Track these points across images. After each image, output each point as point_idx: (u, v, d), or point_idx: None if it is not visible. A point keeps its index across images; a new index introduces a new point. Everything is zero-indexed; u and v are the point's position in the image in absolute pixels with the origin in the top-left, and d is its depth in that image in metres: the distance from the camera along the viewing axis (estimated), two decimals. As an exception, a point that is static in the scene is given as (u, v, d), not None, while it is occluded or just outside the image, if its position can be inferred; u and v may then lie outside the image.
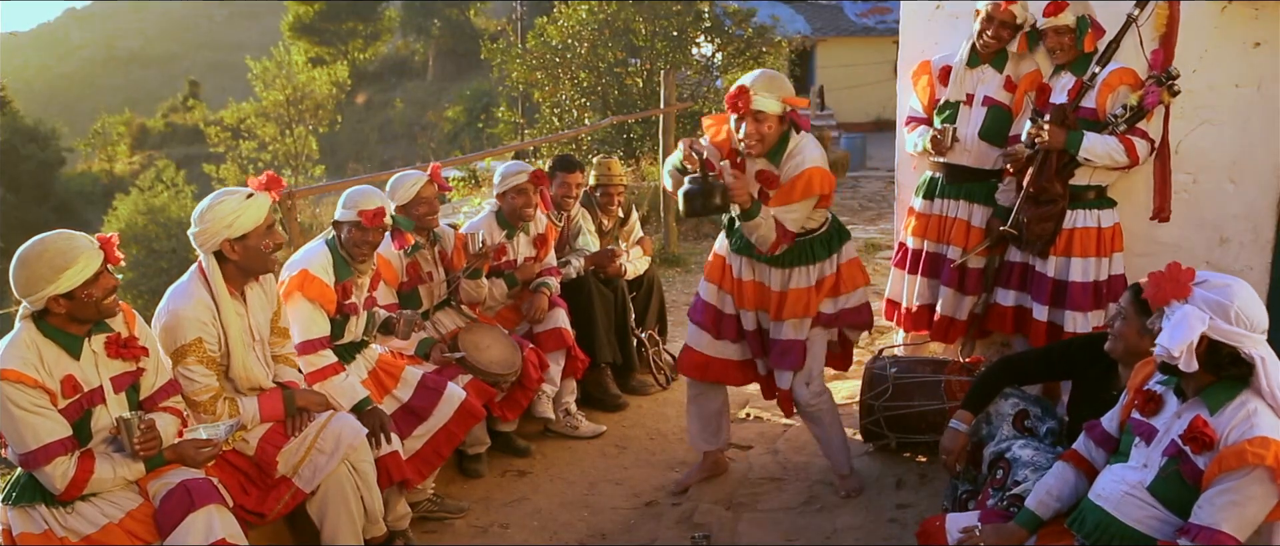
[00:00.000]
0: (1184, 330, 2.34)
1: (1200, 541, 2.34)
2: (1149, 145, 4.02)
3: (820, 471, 4.34)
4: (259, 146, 34.52)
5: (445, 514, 4.07)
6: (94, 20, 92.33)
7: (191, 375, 3.09)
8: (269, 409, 3.28)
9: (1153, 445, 2.54)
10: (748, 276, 3.88)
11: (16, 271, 2.70)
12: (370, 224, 3.66)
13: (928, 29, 4.83)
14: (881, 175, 14.72)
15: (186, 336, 3.07)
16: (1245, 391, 2.40)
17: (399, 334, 3.94)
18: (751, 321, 3.94)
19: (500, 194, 4.69)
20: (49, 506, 2.77)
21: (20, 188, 35.66)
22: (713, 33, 15.57)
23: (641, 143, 13.93)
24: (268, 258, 3.18)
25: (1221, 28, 4.13)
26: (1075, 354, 3.28)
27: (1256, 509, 2.34)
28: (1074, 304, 4.14)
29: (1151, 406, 2.58)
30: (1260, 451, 2.30)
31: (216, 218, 3.07)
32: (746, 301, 3.91)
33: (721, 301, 4.00)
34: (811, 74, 24.65)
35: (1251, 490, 2.32)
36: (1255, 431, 2.33)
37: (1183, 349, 2.33)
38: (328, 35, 44.30)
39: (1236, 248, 4.28)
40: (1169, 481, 2.47)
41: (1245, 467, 2.31)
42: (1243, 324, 2.35)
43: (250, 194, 3.13)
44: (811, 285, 3.80)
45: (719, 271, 4.00)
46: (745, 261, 3.89)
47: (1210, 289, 2.39)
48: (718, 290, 4.00)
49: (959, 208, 4.50)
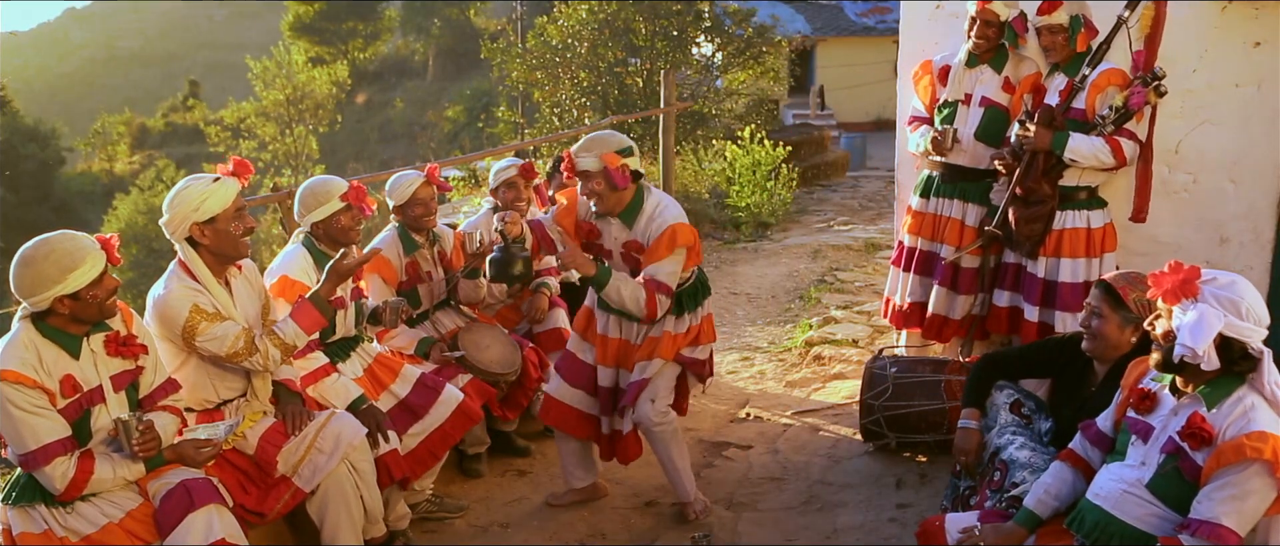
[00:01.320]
0: (1204, 329, 2.35)
1: (1201, 536, 2.34)
2: (1136, 146, 4.04)
3: (821, 471, 4.35)
4: (259, 146, 34.55)
5: (445, 514, 4.06)
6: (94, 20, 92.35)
7: (212, 335, 3.04)
8: (306, 319, 3.21)
9: (1150, 443, 2.55)
10: (614, 334, 3.86)
11: (20, 272, 2.69)
12: (356, 202, 3.70)
13: (928, 29, 4.84)
14: (881, 175, 14.71)
15: (182, 312, 3.04)
16: (1242, 387, 2.42)
17: (386, 322, 3.94)
18: (608, 378, 3.90)
19: (494, 190, 4.78)
20: (49, 506, 2.76)
21: (20, 187, 35.67)
22: (713, 32, 15.56)
23: (642, 142, 13.90)
24: (238, 241, 3.14)
25: (1222, 27, 4.13)
26: (1052, 352, 3.32)
27: (1256, 503, 2.35)
28: (1064, 304, 4.16)
29: (1147, 404, 2.60)
30: (1259, 445, 2.31)
31: (183, 201, 3.05)
32: (608, 358, 3.88)
33: (582, 350, 3.96)
34: (811, 73, 24.65)
35: (1251, 484, 2.33)
36: (1253, 426, 2.35)
37: (1207, 347, 2.35)
38: (328, 35, 44.30)
39: (1236, 247, 4.28)
40: (1168, 478, 2.48)
41: (1244, 461, 2.32)
42: (1253, 319, 2.39)
43: (216, 178, 3.10)
44: (681, 332, 3.78)
45: (584, 322, 3.97)
46: (612, 318, 3.85)
47: (1219, 287, 2.40)
48: (580, 339, 3.97)
49: (953, 207, 4.52)
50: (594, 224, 3.77)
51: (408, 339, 4.21)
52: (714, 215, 10.50)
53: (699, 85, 15.00)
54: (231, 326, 3.09)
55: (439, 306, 4.49)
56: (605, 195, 3.62)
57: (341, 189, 3.71)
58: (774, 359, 6.00)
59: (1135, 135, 4.02)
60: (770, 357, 6.04)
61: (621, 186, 3.60)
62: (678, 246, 3.60)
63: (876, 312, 6.36)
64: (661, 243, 3.60)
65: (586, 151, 3.58)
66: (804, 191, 12.62)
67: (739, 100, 15.54)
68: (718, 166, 11.51)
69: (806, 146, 14.40)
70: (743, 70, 15.61)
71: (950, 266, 4.49)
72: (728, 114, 15.08)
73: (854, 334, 6.15)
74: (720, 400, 5.34)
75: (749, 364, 5.99)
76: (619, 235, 3.72)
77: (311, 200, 3.73)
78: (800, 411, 5.08)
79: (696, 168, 11.77)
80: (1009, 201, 4.18)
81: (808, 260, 8.70)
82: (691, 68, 15.15)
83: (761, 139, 10.94)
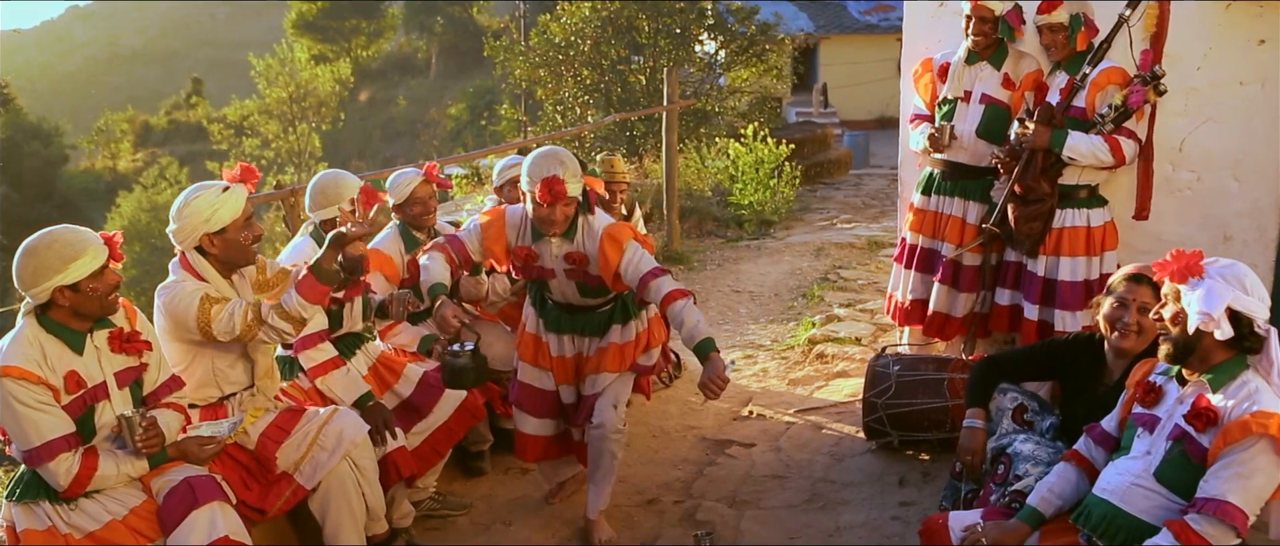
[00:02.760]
0: (1216, 297, 2.42)
1: (1207, 513, 2.36)
2: (1136, 145, 4.04)
3: (823, 469, 4.35)
4: (262, 144, 34.62)
5: (448, 512, 4.07)
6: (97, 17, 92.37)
7: (224, 320, 3.02)
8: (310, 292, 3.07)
9: (1156, 432, 2.58)
10: (568, 352, 3.81)
11: (22, 262, 2.70)
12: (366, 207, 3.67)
13: (931, 26, 4.83)
14: (884, 173, 14.70)
15: (192, 303, 3.02)
16: (1246, 371, 2.48)
17: (393, 313, 3.93)
18: (571, 395, 3.88)
19: (498, 188, 4.75)
20: (53, 503, 2.77)
21: (23, 185, 35.71)
22: (716, 30, 15.55)
23: (645, 140, 13.92)
24: (247, 250, 3.14)
25: (1225, 25, 4.13)
26: (1056, 353, 3.30)
27: (1263, 481, 2.38)
28: (1063, 303, 4.16)
29: (1152, 398, 2.63)
30: (1264, 422, 2.36)
31: (194, 212, 3.04)
32: (567, 377, 3.85)
33: (539, 379, 3.89)
34: (814, 71, 24.63)
35: (1257, 462, 2.36)
36: (1258, 405, 2.40)
37: (1221, 313, 2.41)
38: (331, 32, 44.35)
39: (1240, 245, 4.27)
40: (1174, 463, 2.50)
41: (1249, 439, 2.36)
42: (1257, 295, 2.46)
43: (226, 187, 3.09)
44: (630, 341, 3.75)
45: (532, 350, 3.87)
46: (565, 338, 3.80)
47: (1221, 267, 2.49)
48: (534, 368, 3.89)
49: (954, 204, 4.52)
50: (531, 247, 3.61)
51: (410, 336, 4.21)
52: (717, 213, 10.51)
53: (702, 83, 15.00)
54: (236, 304, 3.07)
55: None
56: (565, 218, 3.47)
57: (353, 192, 3.71)
58: (777, 357, 6.00)
59: (1135, 134, 4.02)
60: (773, 355, 6.04)
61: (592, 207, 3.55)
62: (624, 239, 3.50)
63: (879, 310, 6.37)
64: (605, 248, 3.47)
65: (572, 177, 3.40)
66: (807, 189, 12.62)
67: (742, 98, 15.55)
68: (721, 164, 11.52)
69: (809, 144, 14.39)
70: (746, 68, 15.60)
71: (951, 264, 4.49)
72: (731, 112, 15.09)
73: (857, 332, 6.15)
74: (723, 398, 5.32)
75: (752, 362, 5.99)
76: (558, 251, 3.57)
77: (322, 199, 3.74)
78: (803, 409, 5.07)
79: (699, 165, 11.78)
80: (1008, 199, 4.19)
81: (810, 258, 8.70)
82: (694, 65, 15.15)
83: (764, 137, 10.94)
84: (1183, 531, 2.37)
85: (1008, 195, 4.17)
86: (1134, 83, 3.95)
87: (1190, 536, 2.36)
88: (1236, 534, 2.37)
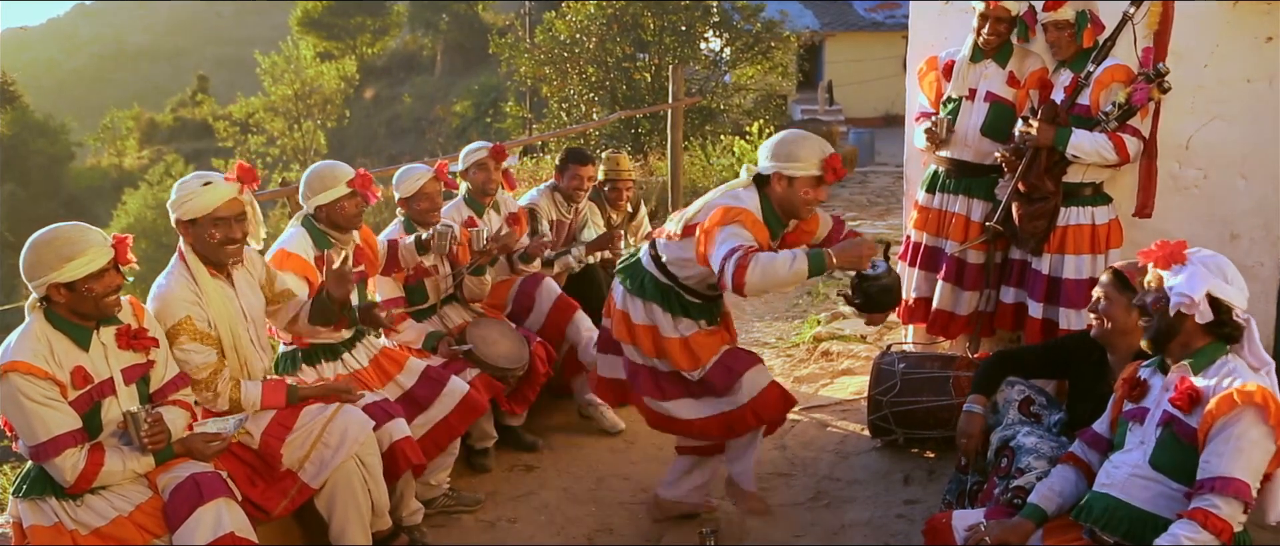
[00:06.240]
0: (1197, 281, 2.52)
1: (1212, 492, 2.38)
2: (1140, 143, 4.02)
3: (828, 467, 4.34)
4: (268, 141, 34.65)
5: (463, 508, 4.08)
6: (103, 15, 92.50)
7: (187, 352, 3.07)
8: (271, 396, 3.26)
9: (1146, 423, 2.63)
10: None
11: (27, 254, 2.72)
12: (362, 189, 3.71)
13: (936, 24, 4.82)
14: (890, 171, 14.65)
15: (176, 315, 3.05)
16: (1225, 354, 2.56)
17: (434, 248, 3.95)
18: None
19: (463, 172, 4.67)
20: (59, 499, 2.78)
21: (29, 182, 35.82)
22: (721, 28, 15.55)
23: (650, 137, 13.91)
24: (216, 249, 3.10)
25: (1233, 22, 4.11)
26: (1067, 351, 3.33)
27: (1260, 453, 2.42)
28: (1068, 301, 4.15)
29: (1139, 393, 2.70)
30: (1247, 392, 2.42)
31: (173, 196, 3.10)
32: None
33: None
34: (820, 69, 24.60)
35: (1250, 434, 2.40)
36: (1239, 381, 2.47)
37: (1201, 296, 2.50)
38: (336, 30, 44.32)
39: (1247, 243, 4.26)
40: (1166, 447, 2.55)
41: (1235, 410, 2.42)
42: (1236, 285, 2.56)
43: (207, 182, 3.09)
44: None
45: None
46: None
47: (1204, 256, 2.59)
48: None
49: (958, 202, 4.51)
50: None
51: (415, 333, 4.21)
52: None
53: (707, 80, 15.00)
54: (209, 357, 3.10)
55: (445, 301, 4.49)
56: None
57: (348, 175, 3.72)
58: (782, 355, 6.00)
59: (1139, 131, 4.01)
60: (778, 353, 6.03)
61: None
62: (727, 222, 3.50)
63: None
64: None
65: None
66: (812, 187, 12.57)
67: (747, 95, 15.55)
68: (726, 162, 11.50)
69: (814, 142, 14.34)
70: (751, 65, 15.60)
71: (954, 262, 4.49)
72: (736, 109, 15.09)
73: (862, 330, 6.14)
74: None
75: (756, 359, 5.98)
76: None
77: (318, 183, 3.74)
78: (808, 407, 5.07)
79: (704, 163, 11.77)
80: (1012, 197, 4.17)
81: (815, 256, 8.67)
82: (700, 63, 15.16)
83: (770, 134, 10.92)
84: (1206, 518, 2.37)
85: (1012, 193, 4.17)
86: (1138, 80, 3.93)
87: (1213, 521, 2.37)
88: (1244, 508, 2.40)
